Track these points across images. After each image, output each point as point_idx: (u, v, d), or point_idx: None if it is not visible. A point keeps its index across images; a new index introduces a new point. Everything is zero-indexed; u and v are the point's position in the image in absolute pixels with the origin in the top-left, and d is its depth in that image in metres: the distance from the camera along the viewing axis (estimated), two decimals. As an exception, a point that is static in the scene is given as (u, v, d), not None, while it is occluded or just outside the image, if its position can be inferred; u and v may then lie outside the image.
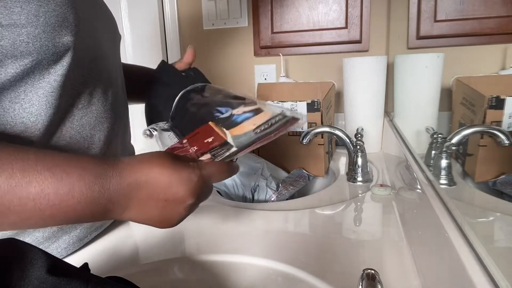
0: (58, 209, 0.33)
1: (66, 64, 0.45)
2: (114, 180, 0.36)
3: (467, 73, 0.65)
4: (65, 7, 0.43)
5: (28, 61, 0.41)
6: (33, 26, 0.40)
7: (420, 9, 0.85)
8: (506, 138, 0.46)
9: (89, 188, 0.34)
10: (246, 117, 0.50)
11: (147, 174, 0.37)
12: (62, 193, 0.33)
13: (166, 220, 0.40)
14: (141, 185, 0.37)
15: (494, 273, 0.28)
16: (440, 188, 0.48)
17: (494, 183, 0.48)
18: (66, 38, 0.44)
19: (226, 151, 0.49)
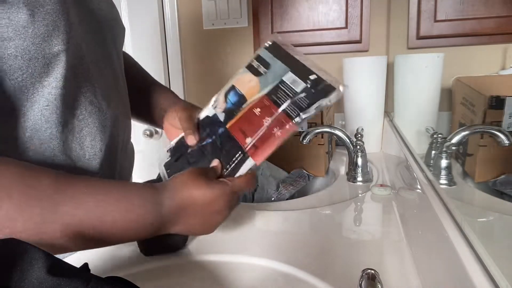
0: (116, 230, 0.40)
1: (59, 76, 0.43)
2: (167, 203, 0.43)
3: (467, 73, 0.65)
4: (55, 15, 0.41)
5: (18, 75, 0.40)
6: (21, 39, 0.39)
7: (420, 9, 0.85)
8: (506, 138, 0.46)
9: (148, 212, 0.42)
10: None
11: (191, 196, 0.44)
12: (129, 219, 0.40)
13: (207, 229, 0.47)
14: (187, 205, 0.44)
15: (494, 273, 0.28)
16: (440, 188, 0.48)
17: (494, 183, 0.48)
18: (57, 47, 0.42)
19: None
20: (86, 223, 0.37)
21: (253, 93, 0.50)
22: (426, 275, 0.42)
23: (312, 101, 0.45)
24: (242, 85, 0.53)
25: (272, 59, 0.52)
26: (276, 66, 0.51)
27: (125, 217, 0.40)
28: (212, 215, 0.45)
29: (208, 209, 0.45)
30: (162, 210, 0.42)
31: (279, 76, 0.49)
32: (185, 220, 0.44)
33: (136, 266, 0.50)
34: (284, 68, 0.50)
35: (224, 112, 0.53)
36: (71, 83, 0.45)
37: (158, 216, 0.42)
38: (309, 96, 0.45)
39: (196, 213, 0.44)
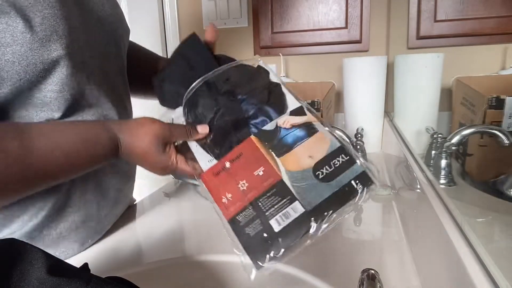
0: (92, 154, 0.44)
1: (57, 80, 0.43)
2: (116, 128, 0.46)
3: (467, 73, 0.65)
4: (53, 19, 0.41)
5: (15, 81, 0.39)
6: (19, 45, 0.38)
7: (420, 9, 0.85)
8: (506, 138, 0.46)
9: (104, 130, 0.45)
10: (298, 138, 0.44)
11: (132, 143, 0.46)
12: (89, 138, 0.44)
13: (158, 173, 0.49)
14: (126, 147, 0.46)
15: (494, 273, 0.28)
16: (440, 188, 0.48)
17: (494, 183, 0.48)
18: (56, 52, 0.41)
19: (286, 204, 0.40)
20: (54, 147, 0.40)
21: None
22: (426, 275, 0.42)
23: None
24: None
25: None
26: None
27: (84, 138, 0.43)
28: (149, 167, 0.48)
29: (144, 162, 0.47)
30: (113, 134, 0.45)
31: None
32: (130, 151, 0.46)
33: (136, 266, 0.50)
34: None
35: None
36: (70, 87, 0.45)
37: (111, 134, 0.45)
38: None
39: (133, 156, 0.47)
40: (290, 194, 0.41)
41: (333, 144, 0.42)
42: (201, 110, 0.49)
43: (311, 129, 0.44)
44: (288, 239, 0.40)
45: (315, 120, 0.45)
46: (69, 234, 0.51)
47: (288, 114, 0.46)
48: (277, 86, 0.48)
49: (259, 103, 0.47)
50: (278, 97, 0.47)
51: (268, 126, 0.46)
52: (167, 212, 0.69)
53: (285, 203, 0.41)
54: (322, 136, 0.43)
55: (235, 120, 0.47)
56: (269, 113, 0.46)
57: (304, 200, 0.41)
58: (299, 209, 0.40)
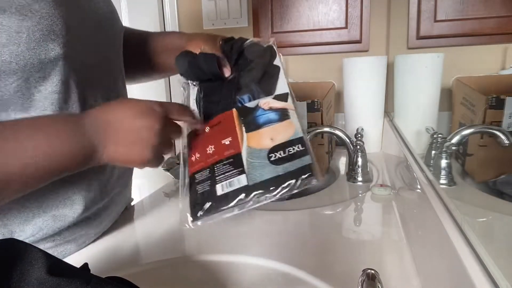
0: (53, 158, 0.38)
1: (56, 80, 0.43)
2: (89, 121, 0.41)
3: (467, 73, 0.65)
4: (50, 18, 0.40)
5: (12, 80, 0.39)
6: (15, 44, 0.38)
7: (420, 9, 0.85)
8: (506, 138, 0.46)
9: (73, 133, 0.40)
10: (269, 120, 0.48)
11: (114, 112, 0.42)
12: (54, 143, 0.38)
13: (141, 150, 0.42)
14: (112, 121, 0.42)
15: (494, 273, 0.28)
16: (440, 188, 0.48)
17: (494, 183, 0.48)
18: (54, 52, 0.41)
19: (235, 175, 0.45)
20: (17, 159, 0.36)
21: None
22: (426, 275, 0.42)
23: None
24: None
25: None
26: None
27: (48, 140, 0.38)
28: (142, 130, 0.42)
29: (135, 123, 0.42)
30: (88, 128, 0.40)
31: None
32: (114, 139, 0.41)
33: (136, 266, 0.50)
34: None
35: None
36: (69, 87, 0.45)
37: (83, 134, 0.40)
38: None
39: (122, 129, 0.42)
40: (242, 167, 0.46)
41: (296, 133, 0.46)
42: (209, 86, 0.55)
43: (285, 115, 0.48)
44: (223, 203, 0.45)
45: (292, 109, 0.49)
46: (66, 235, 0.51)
47: (272, 96, 0.50)
48: (276, 68, 0.52)
49: (251, 81, 0.52)
50: (271, 79, 0.51)
51: (250, 104, 0.50)
52: (167, 212, 0.69)
53: (235, 173, 0.46)
54: (291, 124, 0.47)
55: (226, 94, 0.53)
56: (255, 92, 0.51)
57: (250, 175, 0.45)
58: (243, 182, 0.45)
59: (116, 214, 0.62)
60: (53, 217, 0.48)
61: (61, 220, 0.49)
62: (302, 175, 0.43)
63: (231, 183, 0.45)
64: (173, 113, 0.46)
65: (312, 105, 0.87)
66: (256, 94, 0.51)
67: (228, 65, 0.55)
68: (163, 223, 0.64)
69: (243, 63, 0.54)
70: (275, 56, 0.54)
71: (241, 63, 0.55)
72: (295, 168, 0.44)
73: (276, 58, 0.54)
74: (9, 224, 0.45)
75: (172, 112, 0.45)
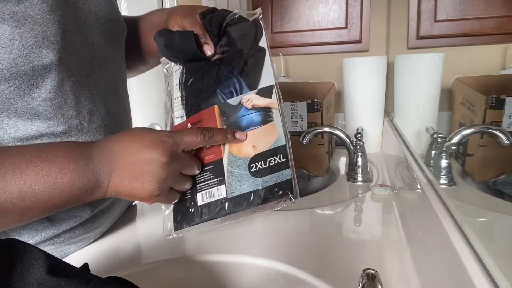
0: (53, 188, 0.36)
1: (49, 87, 0.41)
2: (95, 152, 0.39)
3: (467, 73, 0.65)
4: (45, 24, 0.39)
5: (4, 87, 0.39)
6: (7, 52, 0.37)
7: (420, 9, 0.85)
8: (506, 138, 0.46)
9: (76, 162, 0.37)
10: (252, 123, 0.45)
11: (121, 143, 0.40)
12: (54, 172, 0.36)
13: (146, 184, 0.40)
14: (117, 153, 0.40)
15: (494, 273, 0.28)
16: (440, 188, 0.48)
17: (494, 183, 0.48)
18: (48, 58, 0.40)
19: (215, 184, 0.44)
20: (13, 194, 0.34)
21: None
22: (426, 275, 0.42)
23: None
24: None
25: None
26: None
27: (49, 170, 0.36)
28: (148, 163, 0.39)
29: (142, 155, 0.39)
30: (93, 159, 0.38)
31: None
32: (120, 172, 0.39)
33: (136, 266, 0.50)
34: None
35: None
36: (64, 93, 0.44)
37: (87, 164, 0.38)
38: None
39: (128, 162, 0.39)
40: (222, 175, 0.44)
41: (279, 140, 0.44)
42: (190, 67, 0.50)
43: (268, 116, 0.45)
44: (204, 214, 0.44)
45: (275, 107, 0.46)
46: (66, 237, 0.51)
47: (256, 91, 0.46)
48: (261, 51, 0.48)
49: (235, 70, 0.48)
50: (256, 67, 0.47)
51: (232, 100, 0.47)
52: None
53: (215, 182, 0.45)
54: (274, 128, 0.45)
55: (207, 84, 0.48)
56: (238, 86, 0.47)
57: (230, 186, 0.44)
58: (223, 193, 0.44)
59: (117, 215, 0.62)
60: (50, 220, 0.48)
61: (58, 224, 0.48)
62: (280, 191, 0.42)
63: (211, 193, 0.44)
64: (185, 142, 0.42)
65: (312, 105, 0.87)
66: (238, 88, 0.47)
67: (210, 42, 0.49)
68: (163, 223, 0.63)
69: (227, 42, 0.49)
70: (261, 34, 0.48)
71: (225, 42, 0.49)
72: (275, 183, 0.43)
73: (262, 37, 0.48)
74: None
75: (182, 143, 0.42)
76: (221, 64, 0.49)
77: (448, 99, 0.70)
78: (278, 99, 0.45)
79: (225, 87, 0.47)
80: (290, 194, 0.42)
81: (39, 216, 0.37)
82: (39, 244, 0.48)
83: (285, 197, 0.42)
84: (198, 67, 0.50)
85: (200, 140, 0.43)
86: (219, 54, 0.50)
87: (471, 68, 0.63)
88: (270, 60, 0.47)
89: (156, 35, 0.49)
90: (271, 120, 0.45)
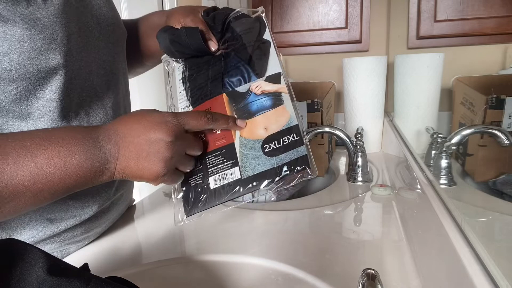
0: (64, 170, 0.36)
1: (55, 88, 0.42)
2: (101, 134, 0.39)
3: (467, 73, 0.65)
4: (52, 27, 0.40)
5: (12, 88, 0.39)
6: (17, 53, 0.38)
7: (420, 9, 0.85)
8: (506, 138, 0.46)
9: (84, 144, 0.38)
10: (262, 107, 0.46)
11: (126, 125, 0.41)
12: (63, 154, 0.36)
13: (152, 164, 0.40)
14: (123, 134, 0.40)
15: (494, 273, 0.28)
16: (440, 188, 0.48)
17: (494, 183, 0.48)
18: (54, 61, 0.41)
19: (228, 167, 0.44)
20: (26, 179, 0.34)
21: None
22: (426, 275, 0.42)
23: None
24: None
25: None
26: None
27: (59, 152, 0.36)
28: (153, 143, 0.39)
29: (147, 136, 0.39)
30: (100, 140, 0.39)
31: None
32: (126, 154, 0.39)
33: (136, 266, 0.50)
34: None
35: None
36: (68, 95, 0.44)
37: (94, 146, 0.38)
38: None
39: (134, 144, 0.39)
40: (235, 158, 0.45)
41: (291, 120, 0.45)
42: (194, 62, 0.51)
43: (278, 100, 0.46)
44: (216, 198, 0.44)
45: (285, 92, 0.46)
46: (66, 237, 0.51)
47: (264, 78, 0.47)
48: (266, 43, 0.49)
49: (242, 60, 0.49)
50: (262, 58, 0.48)
51: (241, 88, 0.48)
52: (167, 212, 0.69)
53: (228, 165, 0.45)
54: (284, 110, 0.45)
55: (214, 75, 0.49)
56: (246, 74, 0.48)
57: (244, 167, 0.44)
58: (237, 174, 0.44)
59: (117, 216, 0.62)
60: (50, 220, 0.48)
61: (58, 223, 0.49)
62: (297, 167, 0.42)
63: (224, 175, 0.45)
64: (189, 123, 0.42)
65: (312, 105, 0.87)
66: (246, 76, 0.48)
67: (213, 38, 0.50)
68: (163, 223, 0.64)
69: (231, 37, 0.50)
70: (265, 28, 0.49)
71: (229, 37, 0.50)
72: (290, 160, 0.43)
73: (266, 31, 0.49)
74: (6, 227, 0.45)
75: (187, 122, 0.42)
76: (227, 56, 0.50)
77: (448, 99, 0.70)
78: (287, 84, 0.46)
79: (232, 76, 0.48)
80: (307, 169, 0.42)
81: (49, 199, 0.37)
82: (40, 243, 0.48)
83: (303, 172, 0.42)
84: (202, 62, 0.51)
85: (203, 122, 0.43)
86: (222, 50, 0.51)
87: (471, 68, 0.63)
88: (275, 51, 0.48)
89: (159, 32, 0.50)
90: (281, 103, 0.46)
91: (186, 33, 0.48)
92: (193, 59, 0.51)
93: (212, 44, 0.50)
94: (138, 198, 0.76)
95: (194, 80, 0.51)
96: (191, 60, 0.52)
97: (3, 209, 0.34)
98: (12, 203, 0.34)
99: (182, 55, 0.51)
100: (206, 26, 0.50)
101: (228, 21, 0.50)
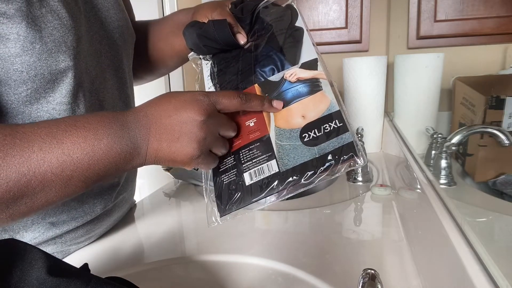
0: (91, 156, 0.35)
1: (65, 91, 0.42)
2: (130, 118, 0.37)
3: (467, 73, 0.65)
4: (63, 30, 0.40)
5: (22, 90, 0.39)
6: (28, 55, 0.38)
7: (420, 9, 0.85)
8: (506, 138, 0.46)
9: (111, 128, 0.36)
10: (298, 94, 0.42)
11: (156, 107, 0.39)
12: (90, 139, 0.35)
13: (185, 146, 0.38)
14: (153, 116, 0.38)
15: (494, 273, 0.28)
16: (440, 188, 0.48)
17: (494, 183, 0.48)
18: (65, 63, 0.41)
19: (264, 161, 0.40)
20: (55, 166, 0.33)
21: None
22: (426, 275, 0.42)
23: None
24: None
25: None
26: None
27: (86, 137, 0.35)
28: (185, 124, 0.38)
29: (178, 116, 0.38)
30: (128, 124, 0.37)
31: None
32: (158, 136, 0.38)
33: (136, 266, 0.50)
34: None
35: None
36: (78, 98, 0.44)
37: (122, 130, 0.36)
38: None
39: (165, 125, 0.38)
40: (271, 151, 0.41)
41: (332, 107, 0.41)
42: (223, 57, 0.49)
43: (316, 86, 0.42)
44: (252, 195, 0.40)
45: (323, 77, 0.42)
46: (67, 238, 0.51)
47: (299, 65, 0.44)
48: (298, 30, 0.46)
49: (274, 49, 0.46)
50: (295, 45, 0.45)
51: (274, 77, 0.44)
52: (167, 212, 0.69)
53: (264, 159, 0.41)
54: (324, 96, 0.41)
55: (244, 67, 0.47)
56: (279, 63, 0.45)
57: (281, 160, 0.40)
58: (274, 168, 0.40)
59: (119, 217, 0.63)
60: (52, 224, 0.48)
61: (60, 226, 0.49)
62: (343, 156, 0.38)
63: (261, 170, 0.40)
64: (221, 102, 0.40)
65: (312, 105, 0.87)
66: (279, 64, 0.44)
67: (242, 31, 0.48)
68: (163, 223, 0.64)
69: (260, 27, 0.48)
70: (297, 16, 0.47)
71: (258, 28, 0.48)
72: (334, 148, 0.39)
73: (298, 18, 0.46)
74: (9, 229, 0.45)
75: (219, 101, 0.40)
76: (257, 47, 0.47)
77: (448, 99, 0.70)
78: (325, 71, 0.43)
79: (264, 66, 0.45)
80: (355, 157, 0.38)
81: (82, 188, 0.36)
82: (41, 244, 0.48)
83: (351, 160, 0.38)
84: (230, 57, 0.48)
85: (237, 103, 0.41)
86: (252, 41, 0.49)
87: (471, 68, 0.63)
88: (310, 38, 0.45)
89: (186, 27, 0.48)
90: (319, 89, 0.42)
91: (213, 25, 0.46)
92: (221, 55, 0.49)
93: (241, 37, 0.48)
94: (138, 198, 0.76)
95: (223, 75, 0.48)
96: (219, 55, 0.49)
97: (35, 200, 0.33)
98: (43, 193, 0.33)
99: (210, 50, 0.49)
100: (234, 19, 0.49)
101: (257, 12, 0.48)
